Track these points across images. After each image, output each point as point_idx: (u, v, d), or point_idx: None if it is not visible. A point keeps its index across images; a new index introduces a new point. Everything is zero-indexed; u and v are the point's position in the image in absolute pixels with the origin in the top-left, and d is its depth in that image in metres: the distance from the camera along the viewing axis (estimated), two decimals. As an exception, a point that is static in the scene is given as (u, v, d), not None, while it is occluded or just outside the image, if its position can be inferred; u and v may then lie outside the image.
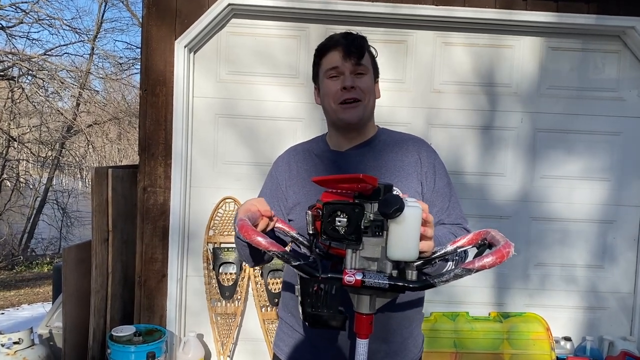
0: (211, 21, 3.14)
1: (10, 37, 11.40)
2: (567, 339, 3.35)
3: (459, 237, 1.19)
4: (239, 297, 3.28)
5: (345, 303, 0.99)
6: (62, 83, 12.12)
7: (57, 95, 12.68)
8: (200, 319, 3.34)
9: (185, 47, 3.16)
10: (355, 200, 1.00)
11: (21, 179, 13.66)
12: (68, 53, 13.81)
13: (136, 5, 15.68)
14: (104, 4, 13.97)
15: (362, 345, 1.02)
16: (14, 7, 11.32)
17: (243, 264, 3.28)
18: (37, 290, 8.06)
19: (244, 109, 3.31)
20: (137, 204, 3.23)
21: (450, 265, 1.25)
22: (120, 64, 14.46)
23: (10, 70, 11.68)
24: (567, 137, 3.37)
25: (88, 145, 14.42)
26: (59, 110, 12.82)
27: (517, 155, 3.38)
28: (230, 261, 3.28)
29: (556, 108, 3.36)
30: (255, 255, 1.38)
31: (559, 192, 3.39)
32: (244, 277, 3.29)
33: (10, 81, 11.77)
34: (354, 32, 1.49)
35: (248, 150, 3.33)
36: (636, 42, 3.26)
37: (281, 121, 3.32)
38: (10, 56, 11.21)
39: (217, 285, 3.27)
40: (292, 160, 1.56)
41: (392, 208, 0.92)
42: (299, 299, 1.00)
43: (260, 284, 3.30)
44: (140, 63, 3.33)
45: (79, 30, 13.74)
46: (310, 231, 1.10)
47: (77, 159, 14.88)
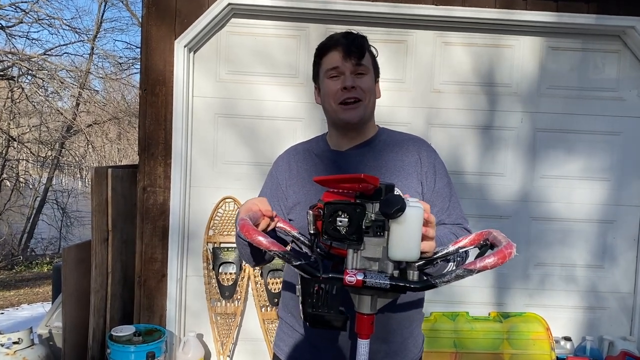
0: (211, 21, 3.14)
1: (10, 37, 11.41)
2: (567, 338, 3.35)
3: (460, 238, 1.19)
4: (239, 297, 3.28)
5: (346, 303, 0.99)
6: (62, 83, 12.11)
7: (56, 95, 12.68)
8: (200, 319, 3.34)
9: (184, 46, 3.15)
10: (357, 200, 0.99)
11: (21, 179, 13.66)
12: (68, 53, 13.84)
13: (136, 5, 15.71)
14: (103, 3, 13.96)
15: (364, 345, 1.01)
16: (13, 6, 11.32)
17: (243, 264, 3.28)
18: (37, 290, 8.06)
19: (243, 109, 3.31)
20: (136, 204, 3.23)
21: (451, 265, 1.24)
22: (120, 64, 14.46)
23: (10, 70, 11.67)
24: (567, 137, 3.37)
25: (88, 145, 14.41)
26: (58, 110, 12.81)
27: (517, 155, 3.38)
28: (230, 261, 3.28)
29: (556, 108, 3.36)
30: (256, 255, 1.38)
31: (559, 192, 3.39)
32: (243, 277, 3.29)
33: (10, 81, 11.76)
34: (354, 31, 1.48)
35: (248, 150, 3.33)
36: (636, 42, 3.26)
37: (281, 121, 3.31)
38: (10, 56, 11.20)
39: (216, 285, 3.27)
40: (292, 160, 1.56)
41: (394, 208, 0.92)
42: (300, 298, 1.00)
43: (260, 284, 3.29)
44: (140, 63, 3.33)
45: (78, 30, 13.74)
46: (312, 231, 1.09)
47: (77, 159, 14.88)
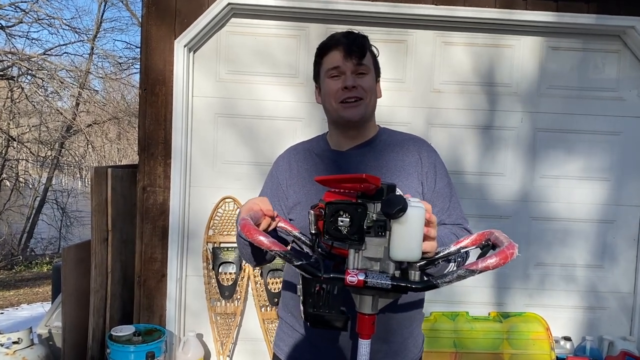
0: (211, 20, 3.13)
1: (9, 37, 11.40)
2: (567, 338, 3.35)
3: (462, 238, 1.19)
4: (239, 297, 3.28)
5: (347, 303, 0.99)
6: (62, 83, 12.10)
7: (56, 94, 12.67)
8: (200, 319, 3.33)
9: (184, 46, 3.15)
10: (358, 200, 0.99)
11: (20, 179, 13.64)
12: (67, 53, 13.85)
13: (136, 5, 15.70)
14: (103, 3, 13.97)
15: (365, 345, 1.01)
16: (13, 6, 11.31)
17: (243, 264, 3.28)
18: (37, 290, 8.05)
19: (243, 109, 3.30)
20: (136, 204, 3.23)
21: (452, 266, 1.24)
22: (120, 64, 14.47)
23: (9, 69, 11.66)
24: (567, 137, 3.37)
25: (87, 144, 14.41)
26: (58, 110, 12.80)
27: (517, 155, 3.38)
28: (230, 261, 3.28)
29: (556, 108, 3.36)
30: (257, 255, 1.38)
31: (558, 192, 3.39)
32: (243, 277, 3.28)
33: (10, 81, 11.75)
34: (355, 31, 1.48)
35: (248, 149, 3.32)
36: (636, 42, 3.26)
37: (281, 121, 3.31)
38: (9, 56, 11.19)
39: (216, 285, 3.27)
40: (293, 160, 1.55)
41: (395, 208, 0.92)
42: (301, 298, 1.00)
43: (260, 284, 3.29)
44: (139, 62, 3.33)
45: (78, 30, 13.76)
46: (313, 231, 1.09)
47: (77, 159, 14.87)
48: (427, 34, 3.31)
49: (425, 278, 0.99)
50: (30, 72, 11.56)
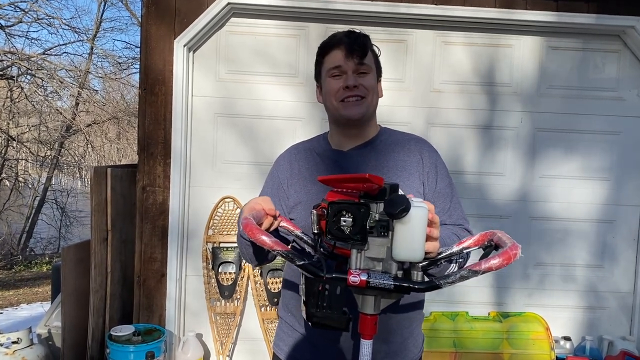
0: (210, 20, 3.13)
1: (9, 36, 11.38)
2: (567, 338, 3.35)
3: (464, 238, 1.19)
4: (238, 297, 3.28)
5: (348, 303, 0.99)
6: (61, 82, 12.09)
7: (56, 94, 12.66)
8: (200, 319, 3.33)
9: (184, 46, 3.15)
10: (361, 200, 0.99)
11: (20, 179, 13.63)
12: (67, 52, 13.85)
13: (135, 5, 15.66)
14: (103, 3, 13.96)
15: (366, 345, 1.01)
16: (13, 6, 11.29)
17: (242, 264, 3.28)
18: (36, 290, 8.05)
19: (243, 108, 3.30)
20: (136, 204, 3.23)
21: (453, 266, 1.24)
22: (120, 64, 14.46)
23: (9, 69, 11.65)
24: (567, 137, 3.37)
25: (87, 144, 14.40)
26: (58, 110, 12.80)
27: (517, 155, 3.38)
28: (230, 261, 3.28)
29: (556, 107, 3.36)
30: (259, 255, 1.37)
31: (558, 192, 3.39)
32: (243, 277, 3.28)
33: (9, 80, 11.74)
34: (357, 30, 1.48)
35: (247, 149, 3.32)
36: (636, 42, 3.26)
37: (280, 120, 3.31)
38: (9, 55, 11.17)
39: (216, 284, 3.27)
40: (294, 159, 1.55)
41: (398, 208, 0.91)
42: (303, 298, 0.99)
43: (260, 284, 3.29)
44: (139, 62, 3.33)
45: (78, 30, 13.74)
46: (315, 230, 1.09)
47: (76, 159, 14.86)
48: (427, 34, 3.31)
49: (427, 279, 0.99)
50: (29, 71, 11.55)
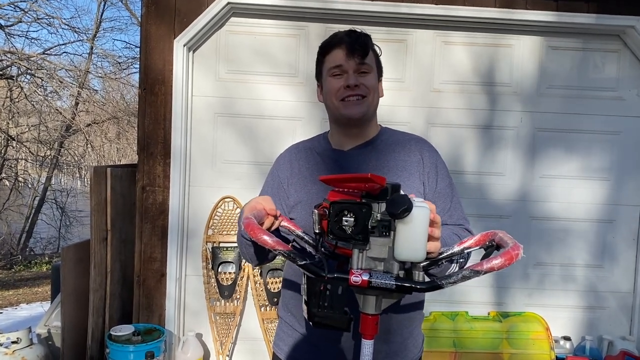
0: (210, 20, 3.13)
1: (9, 36, 11.39)
2: (567, 338, 3.35)
3: (465, 238, 1.18)
4: (238, 297, 3.27)
5: (349, 303, 0.98)
6: (61, 82, 12.09)
7: (55, 94, 12.66)
8: (199, 319, 3.33)
9: (184, 45, 3.15)
10: (363, 200, 0.98)
11: (20, 178, 13.61)
12: (67, 52, 13.86)
13: (135, 5, 15.65)
14: (103, 3, 13.96)
15: (368, 345, 1.01)
16: (12, 5, 11.29)
17: (242, 263, 3.27)
18: (36, 290, 8.04)
19: (243, 108, 3.30)
20: (136, 203, 3.22)
21: (454, 266, 1.24)
22: (119, 63, 14.45)
23: (9, 69, 11.65)
24: (567, 137, 3.37)
25: (87, 144, 14.40)
26: (57, 110, 12.79)
27: (517, 155, 3.37)
28: (230, 260, 3.28)
29: (556, 107, 3.36)
30: (260, 254, 1.37)
31: (558, 192, 3.39)
32: (243, 277, 3.28)
33: (9, 80, 11.73)
34: (358, 29, 1.47)
35: (247, 149, 3.32)
36: (636, 42, 3.26)
37: (280, 120, 3.31)
38: (9, 55, 11.17)
39: (216, 284, 3.27)
40: (294, 159, 1.55)
41: (400, 208, 0.91)
42: (304, 298, 0.99)
43: (260, 284, 3.29)
44: (139, 62, 3.32)
45: (77, 30, 13.69)
46: (317, 230, 1.08)
47: (76, 158, 14.86)
48: (427, 34, 3.31)
49: (428, 279, 0.99)
50: (29, 71, 11.55)
